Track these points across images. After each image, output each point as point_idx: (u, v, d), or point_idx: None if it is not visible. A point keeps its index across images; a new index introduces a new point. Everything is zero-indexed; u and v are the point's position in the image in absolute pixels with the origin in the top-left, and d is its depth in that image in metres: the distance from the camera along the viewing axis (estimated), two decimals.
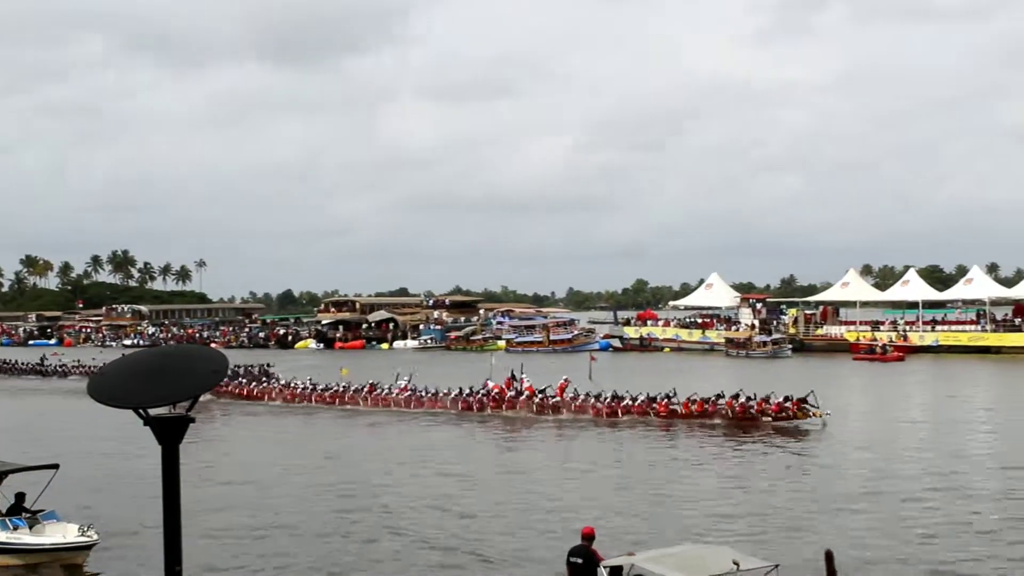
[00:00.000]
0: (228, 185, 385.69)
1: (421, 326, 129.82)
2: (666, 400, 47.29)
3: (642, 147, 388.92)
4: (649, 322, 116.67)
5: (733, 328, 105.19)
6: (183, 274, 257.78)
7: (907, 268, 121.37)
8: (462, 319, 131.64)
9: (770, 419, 44.22)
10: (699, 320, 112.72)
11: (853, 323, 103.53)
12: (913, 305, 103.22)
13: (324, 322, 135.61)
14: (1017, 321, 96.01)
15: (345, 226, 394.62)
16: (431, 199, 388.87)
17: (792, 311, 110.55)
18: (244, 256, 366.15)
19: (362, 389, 56.79)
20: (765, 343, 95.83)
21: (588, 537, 17.75)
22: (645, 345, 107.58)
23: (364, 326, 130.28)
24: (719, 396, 46.53)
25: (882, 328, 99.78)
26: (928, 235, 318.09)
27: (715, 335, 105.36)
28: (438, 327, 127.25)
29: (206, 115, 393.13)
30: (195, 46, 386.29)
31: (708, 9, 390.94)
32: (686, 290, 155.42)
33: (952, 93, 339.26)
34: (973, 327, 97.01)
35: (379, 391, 56.19)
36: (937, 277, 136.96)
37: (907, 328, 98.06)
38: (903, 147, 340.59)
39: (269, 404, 58.28)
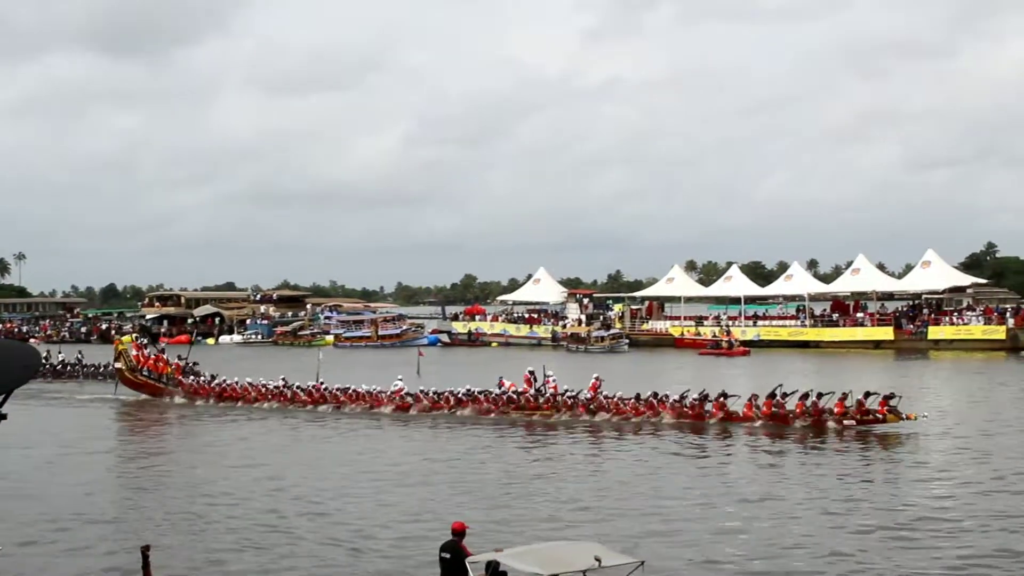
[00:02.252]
0: (50, 177, 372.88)
1: (248, 321, 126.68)
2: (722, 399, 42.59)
3: (472, 142, 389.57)
4: (477, 317, 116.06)
5: (560, 323, 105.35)
6: (1, 267, 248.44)
7: (730, 264, 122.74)
8: (289, 314, 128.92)
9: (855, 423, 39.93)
10: (527, 315, 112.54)
11: (678, 318, 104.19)
12: (736, 300, 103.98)
13: (148, 316, 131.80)
14: (835, 316, 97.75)
15: (171, 219, 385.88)
16: (259, 192, 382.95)
17: (618, 306, 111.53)
18: (67, 249, 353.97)
19: (347, 389, 50.08)
20: (603, 338, 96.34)
21: (458, 532, 17.37)
22: (473, 340, 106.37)
23: (189, 321, 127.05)
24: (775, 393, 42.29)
25: (706, 323, 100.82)
26: (751, 232, 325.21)
27: (543, 330, 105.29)
28: (265, 322, 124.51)
29: (29, 104, 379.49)
30: (24, 34, 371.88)
31: (539, 6, 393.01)
32: (514, 285, 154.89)
33: (775, 93, 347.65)
34: (793, 322, 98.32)
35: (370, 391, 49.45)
36: (759, 273, 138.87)
37: (730, 323, 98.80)
38: (727, 145, 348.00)
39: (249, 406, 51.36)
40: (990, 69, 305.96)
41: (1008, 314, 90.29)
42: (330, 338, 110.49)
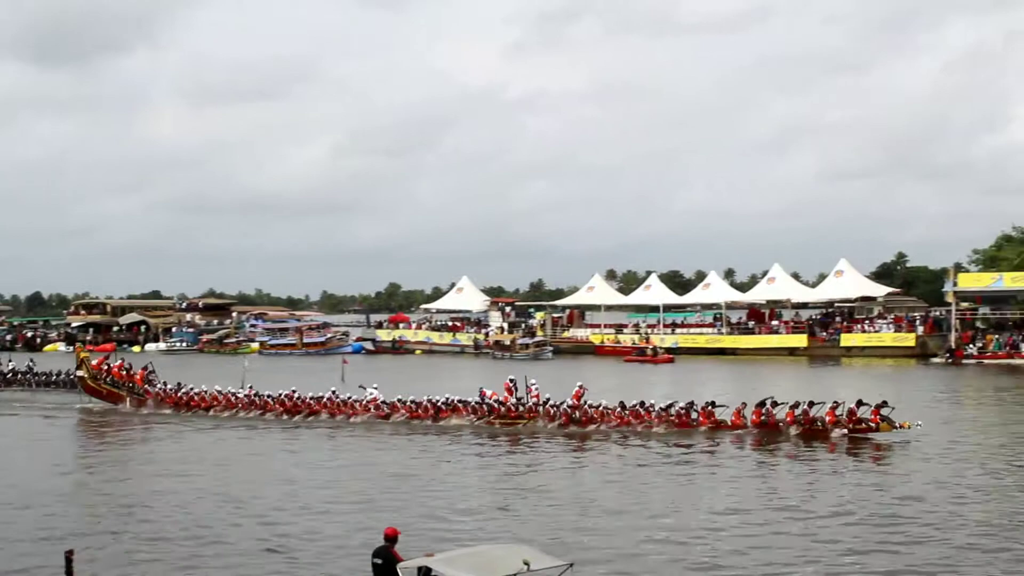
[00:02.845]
0: None
1: (173, 328, 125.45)
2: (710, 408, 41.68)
3: (398, 153, 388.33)
4: (401, 325, 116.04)
5: (483, 331, 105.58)
6: None
7: (649, 273, 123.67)
8: (215, 322, 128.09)
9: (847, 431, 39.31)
10: (450, 323, 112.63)
11: (598, 326, 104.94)
12: (655, 309, 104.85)
13: (74, 324, 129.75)
14: (751, 324, 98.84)
15: (97, 227, 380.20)
16: (186, 201, 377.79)
17: (540, 314, 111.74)
18: None
19: (320, 398, 48.30)
20: (528, 345, 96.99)
21: (390, 538, 17.38)
22: (397, 348, 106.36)
23: (115, 329, 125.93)
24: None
25: (625, 331, 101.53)
26: (670, 242, 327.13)
27: (465, 338, 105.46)
28: (191, 330, 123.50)
29: None
30: None
31: (468, 20, 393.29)
32: (438, 294, 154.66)
33: (696, 105, 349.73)
34: (710, 330, 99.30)
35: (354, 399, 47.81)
36: (677, 282, 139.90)
37: (649, 331, 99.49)
38: (648, 156, 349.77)
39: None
40: (903, 84, 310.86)
41: (917, 322, 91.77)
42: (255, 345, 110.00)
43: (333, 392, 48.92)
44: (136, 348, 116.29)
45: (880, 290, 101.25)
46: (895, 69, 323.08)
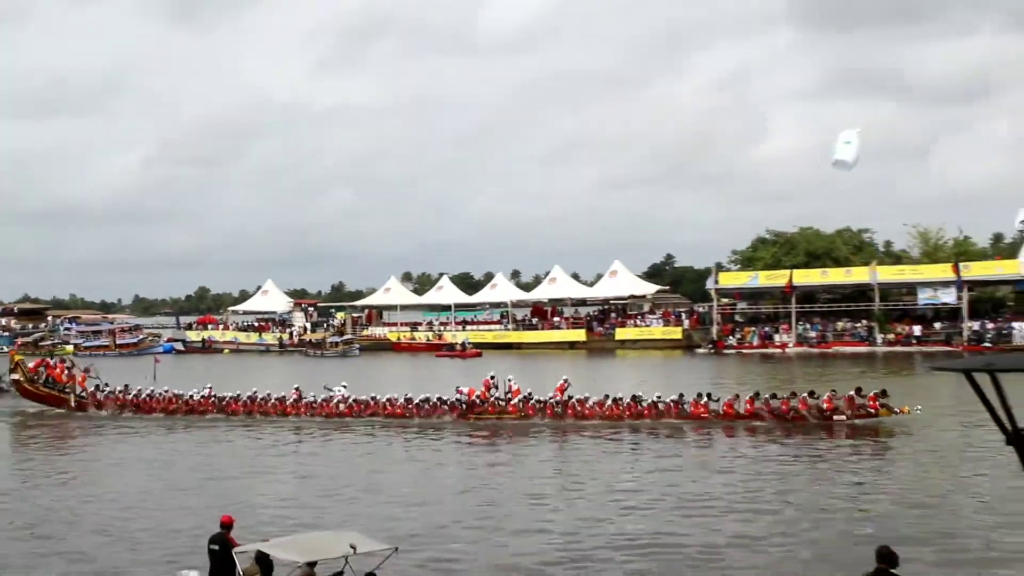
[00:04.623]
0: None
1: None
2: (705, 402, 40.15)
3: (208, 163, 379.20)
4: (210, 326, 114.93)
5: (287, 331, 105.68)
6: None
7: (441, 275, 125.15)
8: (31, 326, 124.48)
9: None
10: (256, 324, 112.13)
11: (395, 324, 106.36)
12: (447, 308, 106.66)
13: None
14: (535, 321, 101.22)
15: None
16: None
17: (341, 314, 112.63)
18: None
19: (282, 399, 44.89)
20: (337, 343, 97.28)
21: (226, 525, 17.36)
22: (206, 347, 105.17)
23: None
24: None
25: (420, 328, 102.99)
26: (462, 246, 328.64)
27: (271, 337, 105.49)
28: (6, 334, 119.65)
29: None
30: None
31: (274, 37, 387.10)
32: (244, 296, 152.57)
33: (489, 119, 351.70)
34: (498, 326, 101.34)
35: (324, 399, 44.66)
36: (468, 283, 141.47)
37: (441, 328, 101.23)
38: (444, 167, 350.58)
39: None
40: (675, 99, 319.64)
41: (683, 317, 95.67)
42: (70, 347, 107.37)
43: (297, 389, 45.64)
44: None
45: (650, 288, 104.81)
46: (668, 86, 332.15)
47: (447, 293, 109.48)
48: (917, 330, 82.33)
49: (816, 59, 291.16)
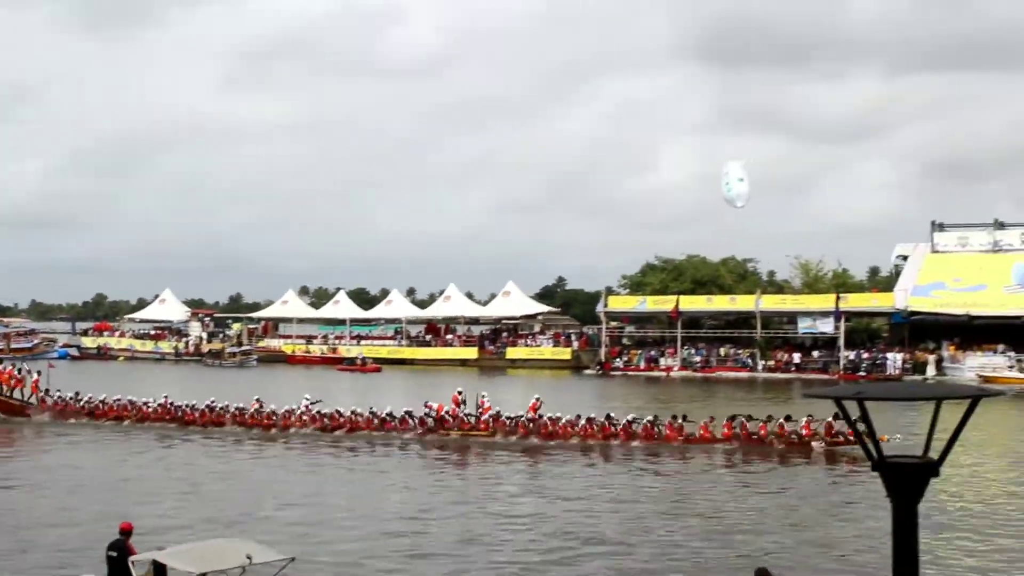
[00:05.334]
0: None
1: None
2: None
3: (112, 174, 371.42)
4: (106, 333, 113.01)
5: (183, 340, 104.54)
6: None
7: (338, 290, 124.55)
8: None
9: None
10: (152, 332, 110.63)
11: (290, 336, 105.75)
12: (342, 322, 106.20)
13: None
14: (428, 338, 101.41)
15: None
16: None
17: (237, 325, 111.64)
18: None
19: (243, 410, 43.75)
20: (235, 354, 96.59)
21: (125, 532, 17.37)
22: (102, 354, 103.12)
23: None
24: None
25: (315, 342, 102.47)
26: (360, 262, 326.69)
27: (167, 345, 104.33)
28: None
29: None
30: None
31: (180, 56, 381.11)
32: (142, 304, 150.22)
33: (391, 141, 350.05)
34: (392, 342, 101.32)
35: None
36: (364, 299, 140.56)
37: (336, 342, 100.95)
38: (345, 186, 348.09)
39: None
40: (570, 128, 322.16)
41: (573, 338, 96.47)
42: None
43: (257, 400, 44.68)
44: None
45: (542, 309, 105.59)
46: (559, 115, 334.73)
47: (343, 308, 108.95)
48: (796, 357, 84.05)
49: (707, 94, 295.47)
